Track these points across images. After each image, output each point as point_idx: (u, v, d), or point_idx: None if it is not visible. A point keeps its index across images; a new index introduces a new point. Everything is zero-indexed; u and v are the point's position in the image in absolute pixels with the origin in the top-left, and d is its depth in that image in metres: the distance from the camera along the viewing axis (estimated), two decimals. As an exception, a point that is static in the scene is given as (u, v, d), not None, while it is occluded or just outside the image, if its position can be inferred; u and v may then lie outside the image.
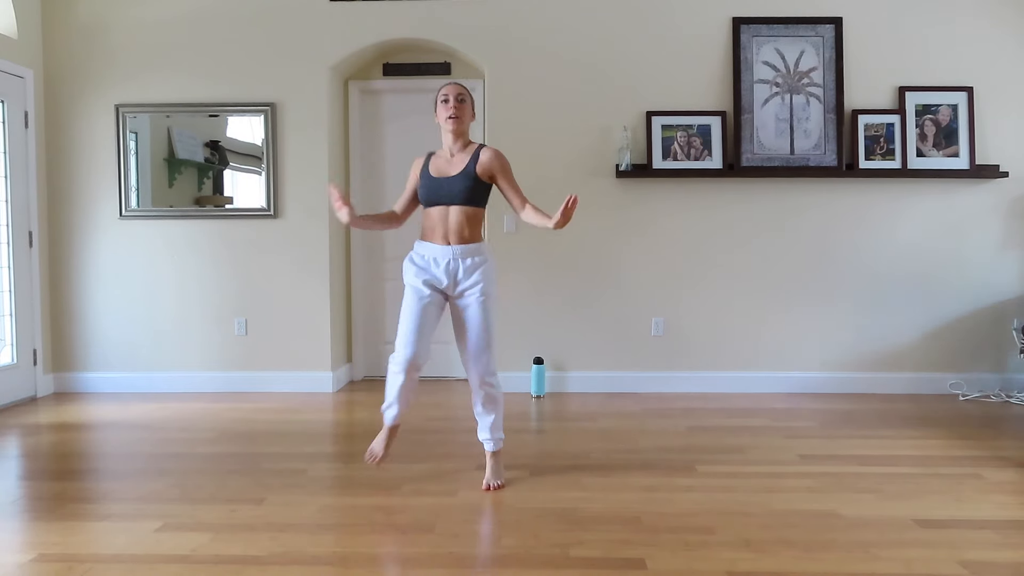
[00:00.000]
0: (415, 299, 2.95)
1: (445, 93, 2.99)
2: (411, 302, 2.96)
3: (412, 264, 3.00)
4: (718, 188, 4.78)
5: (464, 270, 2.94)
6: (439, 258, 2.95)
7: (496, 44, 4.76)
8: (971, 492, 2.92)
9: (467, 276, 2.94)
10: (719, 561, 2.31)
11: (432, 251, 2.96)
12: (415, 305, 2.95)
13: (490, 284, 2.98)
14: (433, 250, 2.96)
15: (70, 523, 2.64)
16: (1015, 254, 4.75)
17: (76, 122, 4.83)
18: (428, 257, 2.97)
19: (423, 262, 2.98)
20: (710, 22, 4.73)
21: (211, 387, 4.86)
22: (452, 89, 2.99)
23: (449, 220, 2.94)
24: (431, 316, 2.97)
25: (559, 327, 4.84)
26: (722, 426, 3.97)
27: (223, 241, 4.84)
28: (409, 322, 2.94)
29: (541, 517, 2.68)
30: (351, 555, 2.38)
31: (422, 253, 2.99)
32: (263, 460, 3.38)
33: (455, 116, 2.95)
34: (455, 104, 2.96)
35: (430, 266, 2.96)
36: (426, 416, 4.21)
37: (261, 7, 4.76)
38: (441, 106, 2.99)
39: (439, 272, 2.95)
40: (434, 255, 2.96)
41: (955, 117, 4.67)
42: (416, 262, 2.99)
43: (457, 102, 2.97)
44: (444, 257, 2.94)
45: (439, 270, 2.95)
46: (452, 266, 2.94)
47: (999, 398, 4.60)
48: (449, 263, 2.94)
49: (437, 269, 2.95)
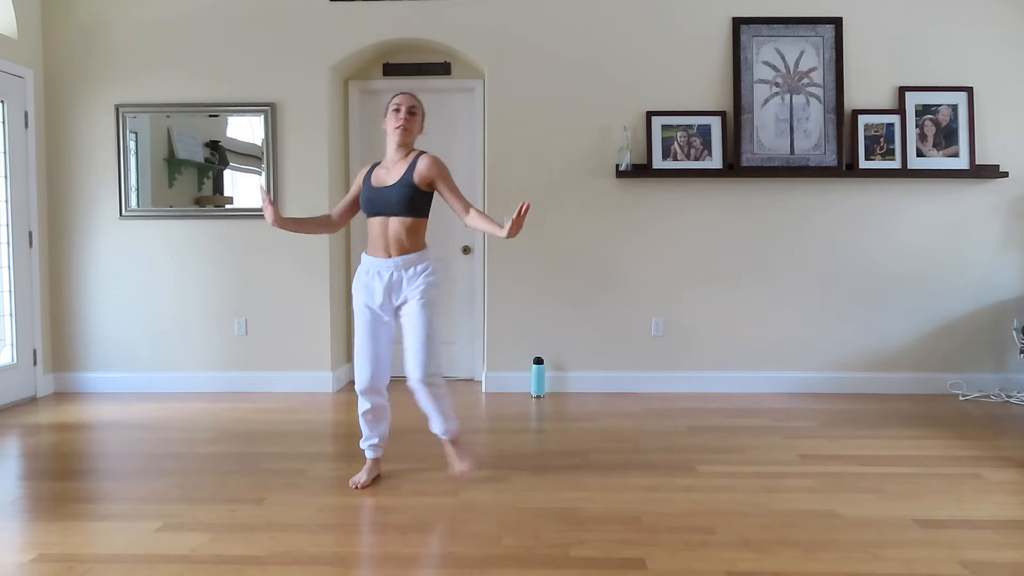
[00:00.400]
0: (365, 324, 3.00)
1: (398, 103, 3.00)
2: (362, 327, 3.01)
3: (358, 283, 3.03)
4: (718, 188, 4.78)
5: (407, 279, 2.97)
6: (382, 271, 2.97)
7: (496, 44, 4.76)
8: (971, 492, 2.93)
9: (410, 284, 2.97)
10: (719, 561, 2.31)
11: (375, 265, 2.98)
12: (366, 330, 3.00)
13: (431, 288, 2.99)
14: (376, 264, 2.98)
15: (70, 523, 2.64)
16: (1015, 254, 4.75)
17: (76, 122, 4.83)
18: (372, 272, 2.99)
19: (367, 278, 3.00)
20: (710, 22, 4.73)
21: (211, 387, 4.86)
22: (405, 100, 3.00)
23: (389, 231, 2.95)
24: (384, 338, 3.02)
25: (559, 327, 4.84)
26: (722, 426, 3.97)
27: (223, 241, 4.84)
28: (362, 347, 3.01)
29: (541, 517, 2.68)
30: (351, 555, 2.38)
31: (367, 268, 3.01)
32: (263, 460, 3.38)
33: (403, 127, 2.97)
34: (406, 116, 2.98)
35: (373, 282, 2.98)
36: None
37: (261, 7, 4.76)
38: (392, 114, 3.00)
39: (381, 289, 2.97)
40: (377, 268, 2.98)
41: (955, 117, 4.67)
42: (361, 279, 3.02)
43: (408, 114, 2.98)
44: (387, 270, 2.96)
45: (382, 285, 2.97)
46: (395, 277, 2.96)
47: (999, 398, 4.60)
48: (392, 275, 2.96)
49: (380, 284, 2.97)
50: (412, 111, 2.99)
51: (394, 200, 2.92)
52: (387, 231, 2.95)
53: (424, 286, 2.96)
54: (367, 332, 3.00)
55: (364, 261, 3.03)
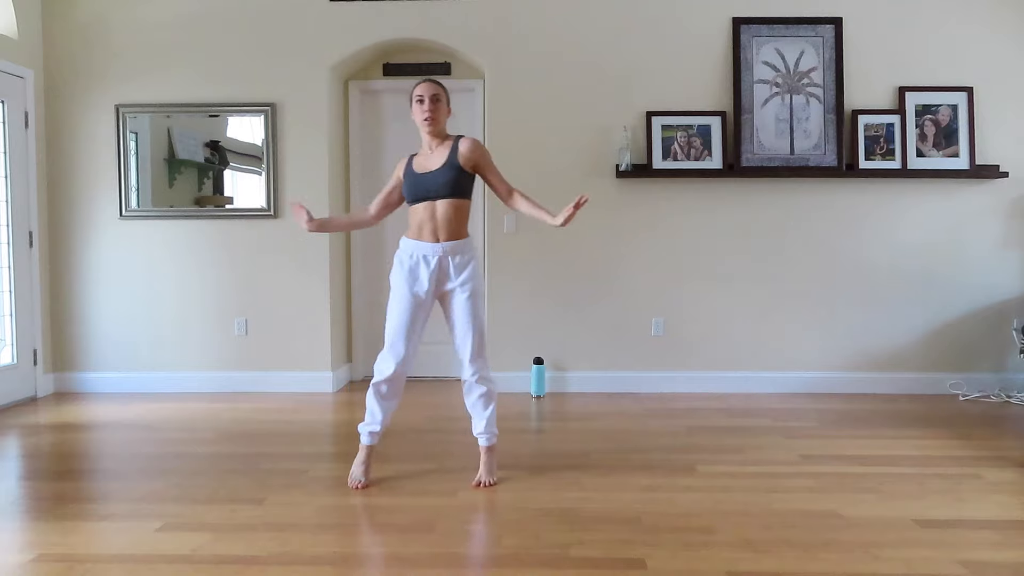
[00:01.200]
0: (406, 308, 2.95)
1: (420, 93, 2.98)
2: (402, 311, 2.95)
3: (400, 266, 2.99)
4: (718, 188, 4.78)
5: (454, 267, 2.97)
6: (429, 256, 2.95)
7: (496, 44, 4.76)
8: (971, 492, 2.92)
9: (457, 274, 2.97)
10: (719, 561, 2.31)
11: (421, 249, 2.96)
12: (406, 314, 2.95)
13: (478, 280, 3.02)
14: (422, 248, 2.96)
15: (70, 523, 2.64)
16: (1015, 254, 4.75)
17: (76, 122, 4.83)
18: (417, 256, 2.97)
19: (412, 262, 2.97)
20: (710, 22, 4.73)
21: (211, 387, 4.86)
22: (427, 88, 2.98)
23: (437, 215, 2.94)
24: (421, 320, 2.99)
25: (559, 327, 4.84)
26: (722, 426, 3.97)
27: (223, 241, 4.84)
28: (399, 328, 2.95)
29: (541, 517, 2.68)
30: (351, 555, 2.38)
31: (410, 252, 2.98)
32: (263, 460, 3.38)
33: (430, 117, 2.96)
34: (430, 105, 2.96)
35: (419, 267, 2.96)
36: (426, 416, 4.21)
37: (261, 7, 4.76)
38: (416, 106, 2.99)
39: (427, 274, 2.95)
40: (423, 253, 2.95)
41: (955, 117, 4.67)
42: (404, 263, 2.98)
43: (432, 102, 2.97)
44: (434, 255, 2.95)
45: (428, 271, 2.95)
46: (442, 263, 2.96)
47: (999, 398, 4.60)
48: (440, 260, 2.95)
49: (426, 270, 2.95)
50: (435, 99, 2.97)
51: (441, 182, 2.92)
52: (435, 214, 2.94)
53: (472, 276, 2.98)
54: (407, 315, 2.94)
55: (406, 246, 2.99)
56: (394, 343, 2.95)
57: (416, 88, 3.00)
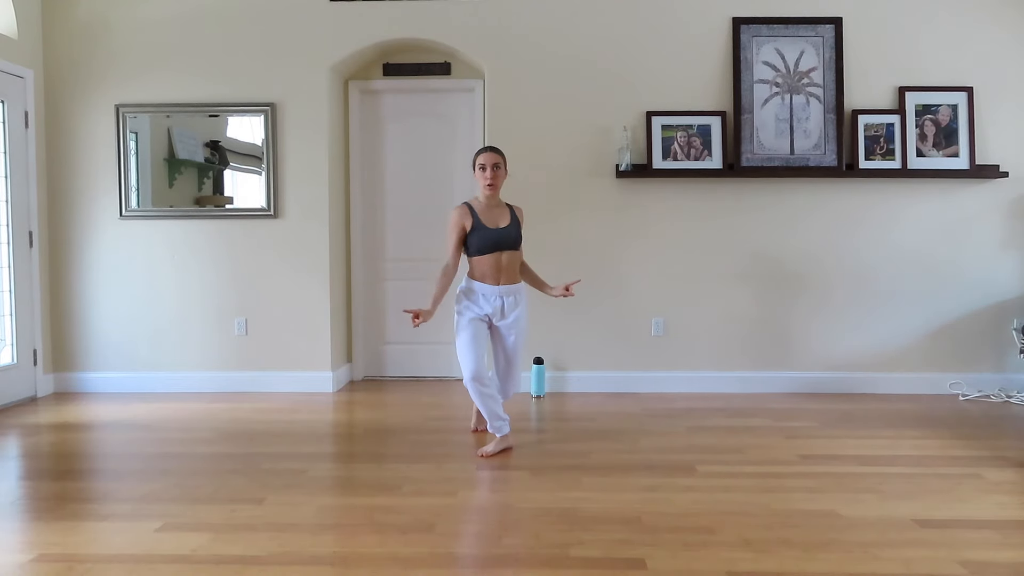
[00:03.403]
0: (473, 329, 3.45)
1: (483, 162, 3.45)
2: (470, 331, 3.45)
3: (467, 300, 3.52)
4: (718, 188, 4.78)
5: (508, 306, 3.52)
6: (490, 296, 3.49)
7: (496, 44, 4.76)
8: (971, 492, 2.93)
9: (511, 311, 3.52)
10: (719, 561, 2.31)
11: (485, 290, 3.49)
12: (472, 333, 3.45)
13: (527, 320, 3.63)
14: (486, 289, 3.49)
15: (70, 523, 2.64)
16: (1015, 254, 4.75)
17: (76, 122, 4.83)
18: (479, 294, 3.50)
19: (475, 298, 3.51)
20: (710, 22, 4.73)
21: (211, 387, 4.86)
22: (489, 159, 3.45)
23: (503, 263, 3.48)
24: (483, 336, 3.50)
25: (559, 327, 4.84)
26: (722, 426, 3.97)
27: (223, 241, 4.84)
28: (469, 345, 3.42)
29: (541, 517, 2.68)
30: (351, 555, 2.38)
31: (476, 291, 3.51)
32: (263, 460, 3.38)
33: (492, 184, 3.46)
34: (491, 172, 3.45)
35: (480, 300, 3.50)
36: (426, 416, 4.21)
37: (261, 7, 4.76)
38: (479, 172, 3.47)
39: (488, 306, 3.50)
40: (484, 292, 3.49)
41: (955, 117, 4.67)
42: (471, 298, 3.52)
43: (493, 170, 3.45)
44: (494, 294, 3.49)
45: (490, 307, 3.50)
46: (500, 302, 3.50)
47: (999, 398, 4.60)
48: (498, 299, 3.49)
49: (487, 304, 3.50)
50: (496, 166, 3.46)
51: (513, 238, 3.51)
52: (501, 263, 3.48)
53: (523, 320, 3.57)
54: (473, 334, 3.44)
55: (473, 286, 3.51)
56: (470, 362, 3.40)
57: (479, 157, 3.47)
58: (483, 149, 3.52)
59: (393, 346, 5.26)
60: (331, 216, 4.83)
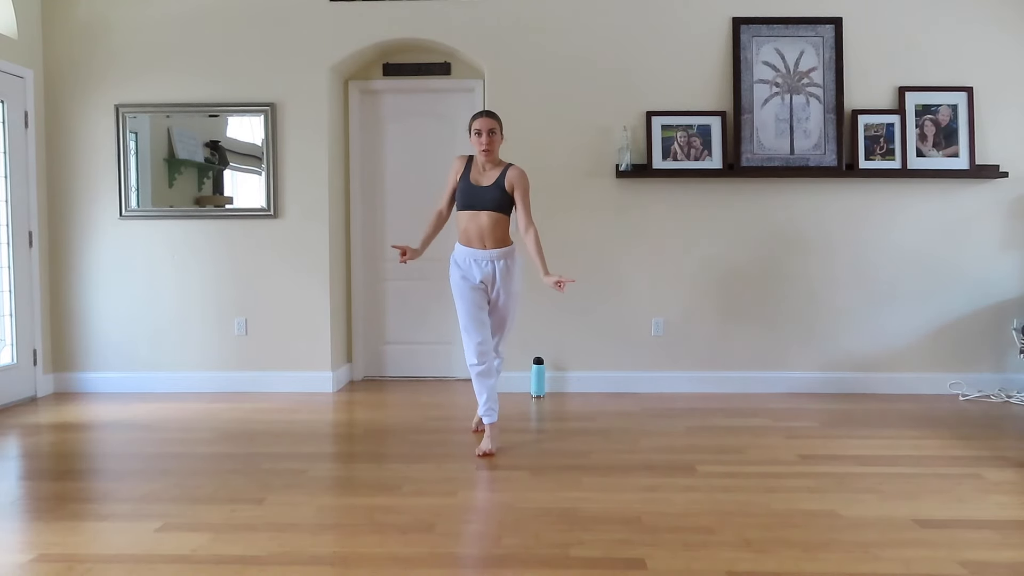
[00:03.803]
0: (467, 296, 3.43)
1: (478, 127, 3.42)
2: (465, 301, 3.44)
3: (456, 267, 3.50)
4: (718, 188, 4.78)
5: (500, 272, 3.47)
6: (479, 260, 3.45)
7: (496, 44, 4.76)
8: (971, 492, 2.93)
9: (503, 278, 3.48)
10: (719, 561, 2.31)
11: (471, 254, 3.46)
12: (468, 302, 3.43)
13: (520, 283, 3.59)
14: (472, 253, 3.45)
15: (70, 523, 2.64)
16: (1015, 254, 4.75)
17: (76, 122, 4.83)
18: (469, 259, 3.47)
19: (465, 264, 3.48)
20: (710, 22, 4.73)
21: (211, 387, 4.86)
22: (484, 124, 3.42)
23: (483, 225, 3.43)
24: (481, 302, 3.48)
25: (559, 327, 4.84)
26: (722, 426, 3.97)
27: (223, 241, 4.84)
28: (468, 316, 3.43)
29: (541, 517, 2.68)
30: (351, 555, 2.38)
31: (464, 256, 3.48)
32: (263, 460, 3.38)
33: (487, 150, 3.42)
34: (487, 138, 3.42)
35: (471, 268, 3.47)
36: (426, 416, 4.21)
37: (261, 7, 4.76)
38: (475, 137, 3.44)
39: (478, 272, 3.46)
40: (474, 257, 3.46)
41: (955, 117, 4.67)
42: (459, 264, 3.50)
43: (489, 135, 3.42)
44: (483, 260, 3.45)
45: (480, 272, 3.46)
46: (490, 267, 3.45)
47: (999, 398, 4.60)
48: (487, 264, 3.45)
49: (479, 270, 3.46)
50: (492, 132, 3.43)
51: (487, 198, 3.43)
52: (480, 224, 3.43)
53: (515, 283, 3.53)
54: (470, 303, 3.44)
55: (460, 250, 3.49)
56: (468, 332, 3.42)
57: (474, 122, 3.44)
58: (478, 114, 3.47)
59: (393, 346, 5.26)
60: (331, 216, 4.83)
